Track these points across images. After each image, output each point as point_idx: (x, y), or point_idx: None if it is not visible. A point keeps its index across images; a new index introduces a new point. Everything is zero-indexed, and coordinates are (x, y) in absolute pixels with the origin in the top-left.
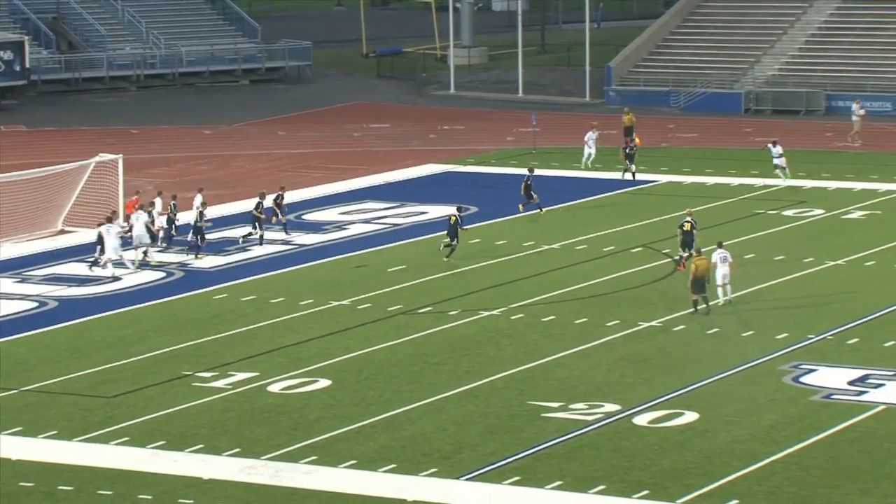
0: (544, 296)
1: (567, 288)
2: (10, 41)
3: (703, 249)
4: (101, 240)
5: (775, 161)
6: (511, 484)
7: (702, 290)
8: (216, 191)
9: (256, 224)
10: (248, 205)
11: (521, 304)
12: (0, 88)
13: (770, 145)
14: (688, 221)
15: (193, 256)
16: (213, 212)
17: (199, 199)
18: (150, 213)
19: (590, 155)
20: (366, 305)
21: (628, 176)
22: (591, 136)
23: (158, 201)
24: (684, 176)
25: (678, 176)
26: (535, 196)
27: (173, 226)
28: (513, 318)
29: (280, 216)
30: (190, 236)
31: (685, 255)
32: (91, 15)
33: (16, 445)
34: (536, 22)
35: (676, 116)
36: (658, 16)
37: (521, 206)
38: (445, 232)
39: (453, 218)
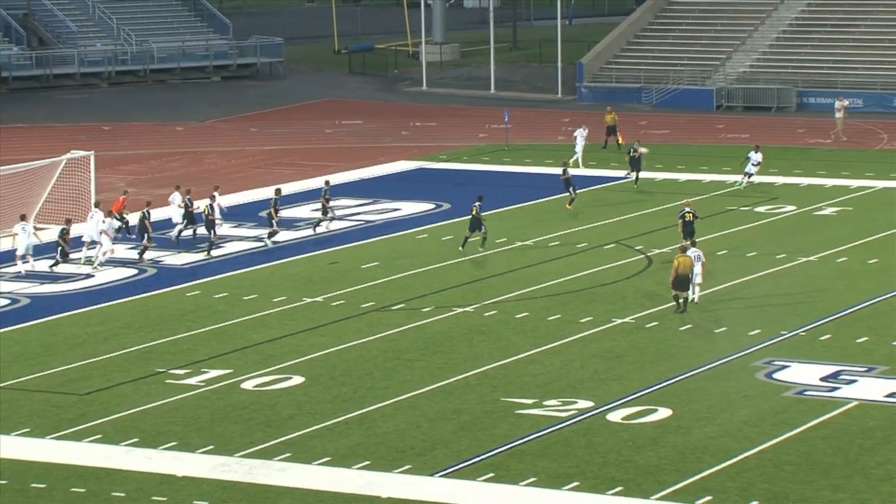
0: (517, 292)
1: (540, 284)
2: None
3: (672, 248)
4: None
5: (751, 168)
6: (485, 481)
7: (684, 287)
8: (188, 187)
9: (273, 222)
10: (222, 202)
11: (494, 300)
12: None
13: (753, 152)
14: (688, 212)
15: (206, 254)
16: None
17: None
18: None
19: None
20: (339, 302)
21: (633, 176)
22: (580, 133)
23: (177, 195)
24: (656, 172)
25: (651, 172)
26: (572, 190)
27: (187, 221)
28: (486, 314)
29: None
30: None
31: (687, 242)
32: (62, 11)
33: None
34: (508, 19)
35: (648, 113)
36: (629, 12)
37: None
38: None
39: (475, 209)
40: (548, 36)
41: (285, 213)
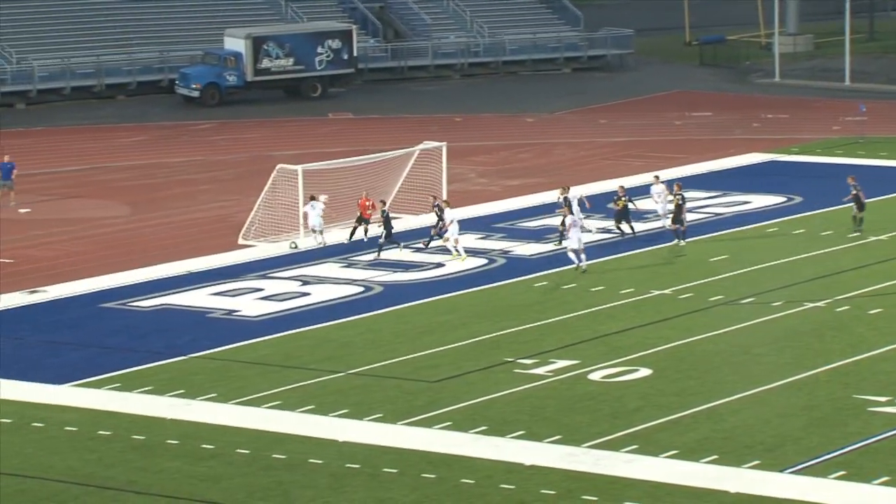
0: (870, 288)
1: (895, 280)
2: (339, 30)
3: None
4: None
5: None
6: (836, 479)
7: None
8: (537, 178)
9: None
10: (570, 193)
11: (846, 295)
12: (328, 76)
13: None
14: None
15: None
16: (532, 199)
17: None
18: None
19: None
20: (687, 295)
21: None
22: None
23: (661, 187)
24: None
25: None
26: None
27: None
28: (838, 310)
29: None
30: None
31: None
32: (416, 4)
33: (342, 427)
34: (865, 9)
35: None
36: None
37: None
38: None
39: None
40: None
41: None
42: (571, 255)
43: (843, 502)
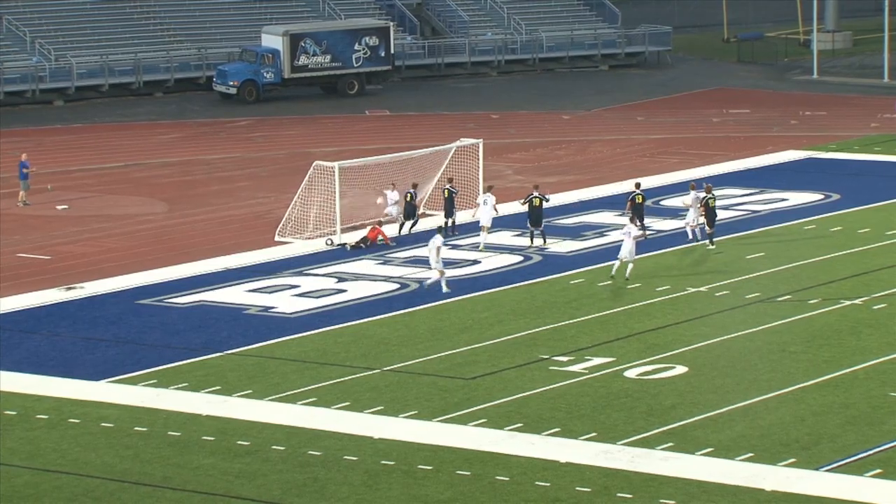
0: None
1: None
2: (376, 27)
3: None
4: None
5: None
6: (872, 476)
7: None
8: (574, 176)
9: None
10: (605, 190)
11: (884, 293)
12: (366, 73)
13: None
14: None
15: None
16: (569, 197)
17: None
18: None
19: None
20: (723, 293)
21: None
22: None
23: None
24: None
25: None
26: None
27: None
28: (875, 307)
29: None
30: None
31: None
32: (454, 1)
33: (377, 424)
34: None
35: None
36: None
37: None
38: None
39: None
40: None
41: (670, 202)
42: (617, 264)
43: (879, 500)
